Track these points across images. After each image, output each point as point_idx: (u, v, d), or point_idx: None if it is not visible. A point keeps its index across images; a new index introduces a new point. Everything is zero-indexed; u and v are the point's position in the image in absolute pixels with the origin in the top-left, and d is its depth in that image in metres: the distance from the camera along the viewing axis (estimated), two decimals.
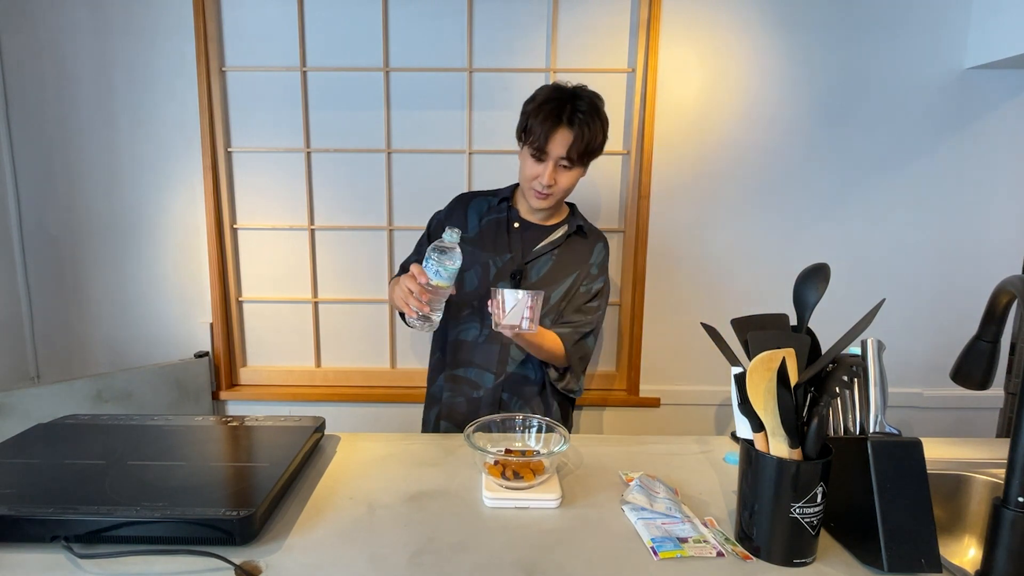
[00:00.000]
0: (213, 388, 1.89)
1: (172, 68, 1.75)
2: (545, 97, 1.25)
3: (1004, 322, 0.84)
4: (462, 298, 1.33)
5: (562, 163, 1.25)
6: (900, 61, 1.72)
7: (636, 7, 1.73)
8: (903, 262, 1.83)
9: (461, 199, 1.44)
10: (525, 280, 1.34)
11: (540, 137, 1.22)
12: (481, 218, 1.38)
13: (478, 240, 1.35)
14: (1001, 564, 0.69)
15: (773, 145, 1.77)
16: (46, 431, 1.05)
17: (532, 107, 1.25)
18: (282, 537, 0.82)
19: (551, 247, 1.35)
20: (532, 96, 1.28)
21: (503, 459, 0.95)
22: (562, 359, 1.30)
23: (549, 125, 1.21)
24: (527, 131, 1.26)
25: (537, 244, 1.35)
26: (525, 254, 1.34)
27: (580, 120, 1.22)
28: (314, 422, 1.10)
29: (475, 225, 1.37)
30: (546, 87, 1.28)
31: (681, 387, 1.90)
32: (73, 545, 0.75)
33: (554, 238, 1.36)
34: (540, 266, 1.35)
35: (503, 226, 1.36)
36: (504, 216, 1.37)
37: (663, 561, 0.78)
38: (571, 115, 1.22)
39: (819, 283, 0.83)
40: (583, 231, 1.39)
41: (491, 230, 1.36)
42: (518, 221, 1.37)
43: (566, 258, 1.36)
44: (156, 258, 1.86)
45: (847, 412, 0.86)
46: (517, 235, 1.36)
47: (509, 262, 1.33)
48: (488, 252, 1.34)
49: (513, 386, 1.35)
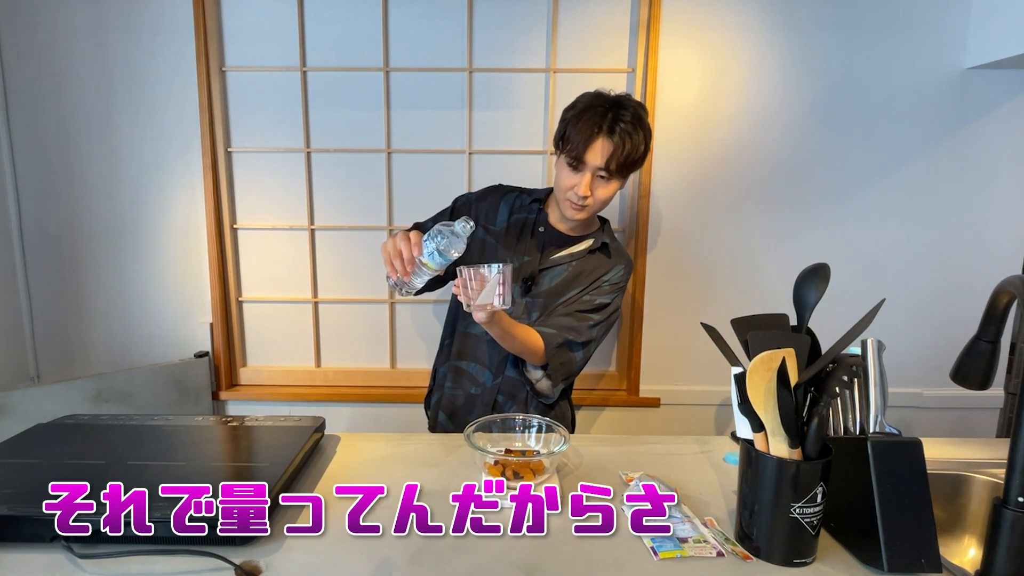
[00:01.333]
0: (213, 388, 1.89)
1: (172, 68, 1.75)
2: (586, 104, 1.20)
3: (1004, 322, 0.84)
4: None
5: (600, 174, 1.20)
6: (900, 61, 1.72)
7: (636, 7, 1.73)
8: (903, 262, 1.83)
9: (497, 189, 1.40)
10: (536, 287, 1.31)
11: (578, 146, 1.17)
12: (511, 214, 1.34)
13: (502, 236, 1.32)
14: (1001, 564, 0.69)
15: (773, 145, 1.77)
16: (46, 431, 1.05)
17: (572, 114, 1.20)
18: (282, 537, 0.82)
19: (570, 258, 1.31)
20: (573, 103, 1.23)
21: (503, 459, 0.95)
22: (539, 357, 1.25)
23: (588, 134, 1.16)
24: (565, 139, 1.20)
25: (557, 252, 1.32)
26: (542, 260, 1.31)
27: (621, 130, 1.16)
28: (314, 422, 1.10)
29: (503, 220, 1.33)
30: (588, 94, 1.23)
31: (681, 387, 1.90)
32: (73, 545, 0.75)
33: (575, 250, 1.32)
34: (555, 275, 1.31)
35: (528, 227, 1.33)
36: (532, 217, 1.33)
37: (663, 561, 0.78)
38: (612, 124, 1.16)
39: (819, 283, 0.83)
40: (608, 249, 1.33)
41: (516, 228, 1.33)
42: (544, 226, 1.33)
43: (582, 272, 1.31)
44: (156, 258, 1.86)
45: (847, 412, 0.86)
46: (540, 239, 1.32)
47: (525, 265, 1.31)
48: (508, 250, 1.32)
49: (509, 390, 1.34)
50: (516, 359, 1.32)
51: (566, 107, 1.25)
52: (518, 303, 1.31)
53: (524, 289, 1.31)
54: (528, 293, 1.31)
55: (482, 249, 1.33)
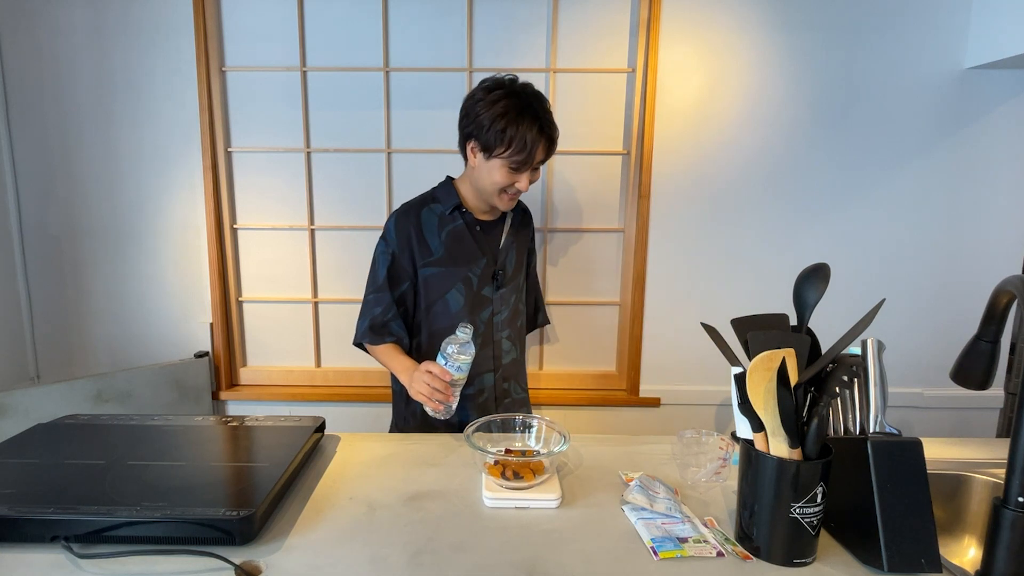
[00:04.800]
0: (213, 388, 1.89)
1: (172, 68, 1.75)
2: (515, 109, 1.18)
3: (1004, 322, 0.84)
4: (453, 319, 1.30)
5: (535, 166, 1.26)
6: (900, 61, 1.72)
7: (636, 7, 1.73)
8: (903, 262, 1.83)
9: (407, 215, 1.32)
10: (505, 276, 1.36)
11: (527, 150, 1.19)
12: (439, 231, 1.32)
13: (448, 258, 1.31)
14: (1001, 564, 0.69)
15: (773, 145, 1.77)
16: (46, 431, 1.05)
17: (506, 123, 1.18)
18: (282, 537, 0.82)
19: (511, 237, 1.38)
20: (493, 111, 1.18)
21: (503, 459, 0.95)
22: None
23: (533, 138, 1.19)
24: (505, 144, 1.19)
25: (499, 239, 1.36)
26: (496, 253, 1.35)
27: (549, 123, 1.23)
28: (314, 422, 1.10)
29: (438, 244, 1.31)
30: (500, 97, 1.19)
31: (681, 387, 1.90)
32: (73, 545, 0.75)
33: (508, 227, 1.38)
34: (510, 258, 1.37)
35: (465, 234, 1.33)
36: (462, 223, 1.33)
37: (663, 561, 0.78)
38: (543, 122, 1.21)
39: (819, 283, 0.83)
40: (525, 210, 1.45)
41: (456, 243, 1.32)
42: (477, 224, 1.34)
43: (520, 239, 1.41)
44: (156, 258, 1.86)
45: (847, 412, 0.86)
46: (482, 238, 1.34)
47: (486, 267, 1.33)
48: (463, 266, 1.31)
49: (508, 371, 1.40)
50: (509, 347, 1.39)
51: (480, 112, 1.20)
52: (495, 298, 1.35)
53: (495, 286, 1.34)
54: (501, 286, 1.35)
55: (437, 280, 1.31)
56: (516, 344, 1.41)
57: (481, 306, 1.33)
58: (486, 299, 1.34)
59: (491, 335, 1.35)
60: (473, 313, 1.32)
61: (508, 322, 1.37)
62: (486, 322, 1.34)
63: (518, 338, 1.42)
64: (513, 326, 1.39)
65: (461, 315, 1.31)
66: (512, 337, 1.39)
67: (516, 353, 1.42)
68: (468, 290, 1.32)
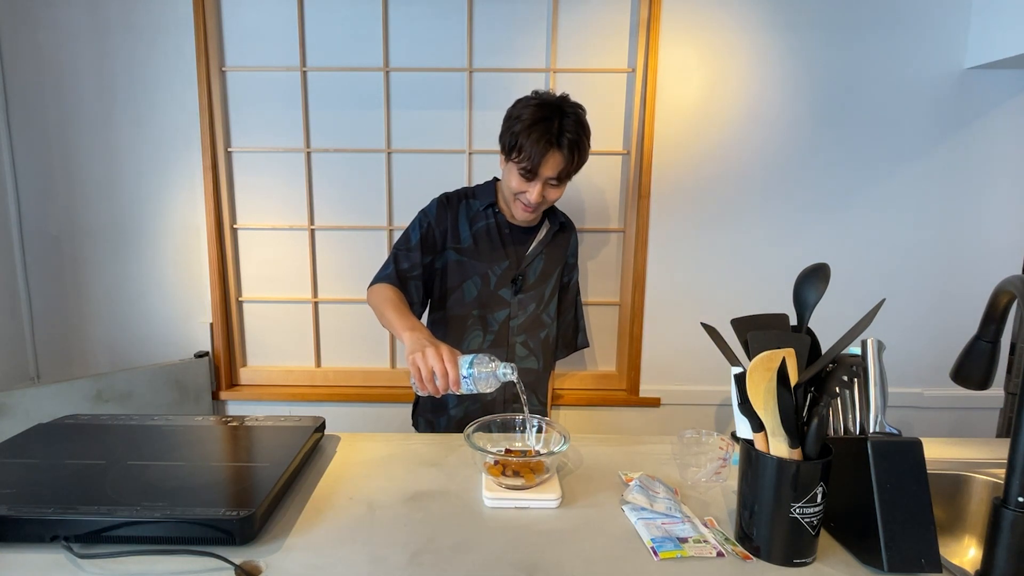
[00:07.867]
0: (213, 388, 1.89)
1: (172, 68, 1.75)
2: (533, 117, 1.20)
3: (1004, 322, 0.84)
4: (464, 310, 1.34)
5: (551, 182, 1.24)
6: (900, 61, 1.72)
7: (636, 7, 1.73)
8: (903, 262, 1.83)
9: (447, 203, 1.36)
10: (525, 283, 1.35)
11: (532, 159, 1.19)
12: (471, 225, 1.35)
13: (473, 251, 1.34)
14: (1001, 564, 0.69)
15: (773, 145, 1.77)
16: (46, 431, 1.05)
17: (520, 127, 1.20)
18: (282, 537, 0.82)
19: (541, 247, 1.38)
20: (516, 114, 1.23)
21: (503, 459, 0.95)
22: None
23: (541, 148, 1.18)
24: (516, 149, 1.22)
25: (529, 246, 1.37)
26: (520, 259, 1.36)
27: (570, 141, 1.20)
28: (314, 422, 1.10)
29: (467, 234, 1.34)
30: (532, 103, 1.23)
31: (681, 387, 1.90)
32: (73, 545, 0.75)
33: (542, 237, 1.38)
34: (535, 267, 1.37)
35: (494, 233, 1.35)
36: (493, 222, 1.36)
37: (663, 561, 0.78)
38: (560, 136, 1.19)
39: (819, 283, 0.83)
40: (564, 226, 1.43)
41: (484, 239, 1.35)
42: (507, 227, 1.36)
43: (553, 253, 1.40)
44: (156, 258, 1.86)
45: (847, 412, 0.86)
46: (509, 240, 1.36)
47: (507, 269, 1.34)
48: (485, 262, 1.34)
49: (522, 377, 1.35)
50: (523, 352, 1.38)
51: (510, 116, 1.24)
52: (513, 302, 1.36)
53: (514, 290, 1.35)
54: (520, 292, 1.36)
55: (458, 268, 1.34)
56: (535, 355, 1.40)
57: (497, 306, 1.35)
58: (503, 300, 1.35)
59: (506, 336, 1.37)
60: (487, 310, 1.34)
61: (525, 328, 1.38)
62: (501, 323, 1.36)
63: (540, 350, 1.41)
64: (531, 334, 1.39)
65: (474, 305, 1.33)
66: (529, 344, 1.39)
67: (535, 364, 1.41)
68: (484, 286, 1.33)
